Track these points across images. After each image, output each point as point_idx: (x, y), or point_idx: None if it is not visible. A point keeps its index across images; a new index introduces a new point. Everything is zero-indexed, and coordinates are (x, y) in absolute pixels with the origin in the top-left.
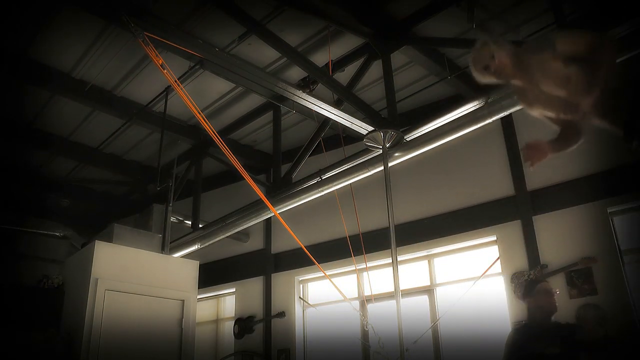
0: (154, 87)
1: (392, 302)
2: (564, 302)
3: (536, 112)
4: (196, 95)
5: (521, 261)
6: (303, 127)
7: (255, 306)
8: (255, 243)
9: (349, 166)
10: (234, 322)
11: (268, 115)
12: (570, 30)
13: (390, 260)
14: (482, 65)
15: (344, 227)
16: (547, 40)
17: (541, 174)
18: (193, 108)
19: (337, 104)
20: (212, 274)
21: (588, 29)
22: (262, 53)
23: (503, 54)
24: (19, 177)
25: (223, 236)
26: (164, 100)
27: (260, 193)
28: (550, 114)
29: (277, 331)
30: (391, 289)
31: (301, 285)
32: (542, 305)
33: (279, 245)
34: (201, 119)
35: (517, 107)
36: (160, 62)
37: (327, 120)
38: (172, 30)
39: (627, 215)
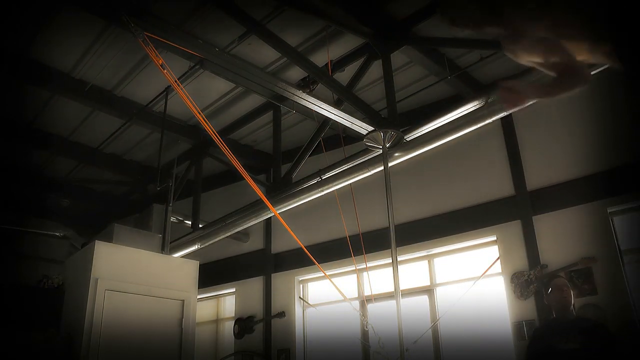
0: (154, 87)
1: (392, 302)
2: None
3: (524, 60)
4: (196, 95)
5: (521, 261)
6: (303, 127)
7: (255, 306)
8: (255, 243)
9: (349, 166)
10: (234, 322)
11: (268, 115)
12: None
13: (390, 260)
14: (463, 16)
15: (344, 227)
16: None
17: (541, 173)
18: (193, 108)
19: (337, 104)
20: (212, 274)
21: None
22: (262, 53)
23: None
24: (19, 177)
25: (223, 236)
26: (164, 100)
27: (260, 193)
28: (539, 57)
29: (277, 331)
30: (391, 289)
31: (301, 285)
32: (556, 300)
33: (279, 245)
34: (201, 119)
35: (517, 107)
36: (160, 62)
37: (327, 120)
38: (172, 30)
39: (627, 215)
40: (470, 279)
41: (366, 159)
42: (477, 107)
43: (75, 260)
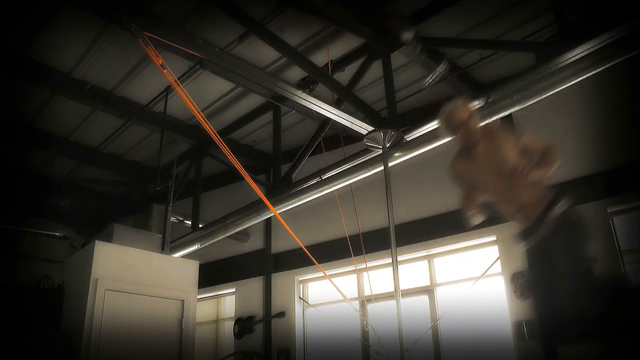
0: (154, 87)
1: (392, 302)
2: None
3: (465, 187)
4: (196, 95)
5: (521, 261)
6: (303, 127)
7: (255, 306)
8: (255, 243)
9: (349, 166)
10: (234, 322)
11: (268, 115)
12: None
13: (390, 260)
14: (456, 122)
15: (344, 227)
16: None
17: None
18: (193, 108)
19: (337, 104)
20: (212, 274)
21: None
22: (262, 53)
23: (478, 120)
24: (19, 177)
25: (223, 236)
26: (164, 100)
27: (260, 193)
28: (481, 191)
29: (277, 331)
30: (391, 289)
31: (301, 285)
32: None
33: (279, 245)
34: (201, 119)
35: (517, 107)
36: (160, 62)
37: (327, 120)
38: (172, 30)
39: (627, 215)
40: (470, 279)
41: (366, 159)
42: (477, 107)
43: (75, 260)
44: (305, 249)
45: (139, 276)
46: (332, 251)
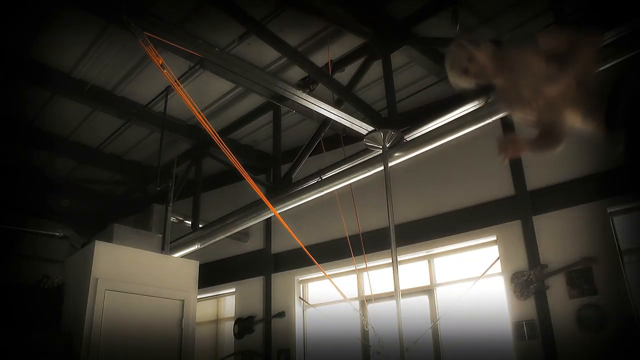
0: (154, 87)
1: (392, 302)
2: (564, 302)
3: (517, 114)
4: (196, 95)
5: (521, 261)
6: (303, 127)
7: (255, 306)
8: (255, 243)
9: (349, 166)
10: (234, 322)
11: (268, 115)
12: (552, 28)
13: (390, 260)
14: (461, 69)
15: (344, 227)
16: (528, 37)
17: (541, 174)
18: (193, 108)
19: (337, 104)
20: (212, 274)
21: (585, 28)
22: (262, 53)
23: (483, 55)
24: (19, 177)
25: (223, 236)
26: (164, 100)
27: (260, 193)
28: (531, 115)
29: (277, 331)
30: (391, 289)
31: (301, 285)
32: None
33: (279, 245)
34: (201, 119)
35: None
36: (160, 62)
37: (327, 120)
38: (172, 30)
39: (627, 215)
40: (470, 279)
41: (366, 159)
42: (477, 107)
43: (75, 260)
44: (305, 249)
45: (139, 276)
46: (332, 251)
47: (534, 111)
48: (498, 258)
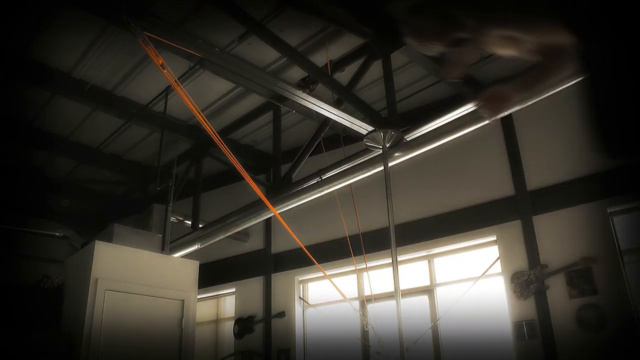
0: (154, 87)
1: (392, 302)
2: (564, 302)
3: (505, 52)
4: (196, 95)
5: (521, 261)
6: (303, 127)
7: (255, 306)
8: (255, 243)
9: (349, 166)
10: (234, 322)
11: (268, 115)
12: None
13: (390, 260)
14: (449, 39)
15: (344, 227)
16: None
17: (541, 174)
18: (193, 108)
19: (337, 104)
20: (212, 274)
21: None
22: (262, 53)
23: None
24: (19, 177)
25: (223, 236)
26: (164, 100)
27: (260, 193)
28: (518, 45)
29: (277, 331)
30: (391, 289)
31: (301, 285)
32: None
33: (279, 245)
34: (201, 119)
35: (517, 107)
36: (160, 62)
37: (327, 120)
38: (172, 30)
39: (627, 215)
40: (470, 279)
41: (366, 159)
42: (477, 107)
43: (75, 260)
44: (305, 249)
45: (139, 276)
46: (332, 251)
47: (517, 40)
48: (498, 258)
